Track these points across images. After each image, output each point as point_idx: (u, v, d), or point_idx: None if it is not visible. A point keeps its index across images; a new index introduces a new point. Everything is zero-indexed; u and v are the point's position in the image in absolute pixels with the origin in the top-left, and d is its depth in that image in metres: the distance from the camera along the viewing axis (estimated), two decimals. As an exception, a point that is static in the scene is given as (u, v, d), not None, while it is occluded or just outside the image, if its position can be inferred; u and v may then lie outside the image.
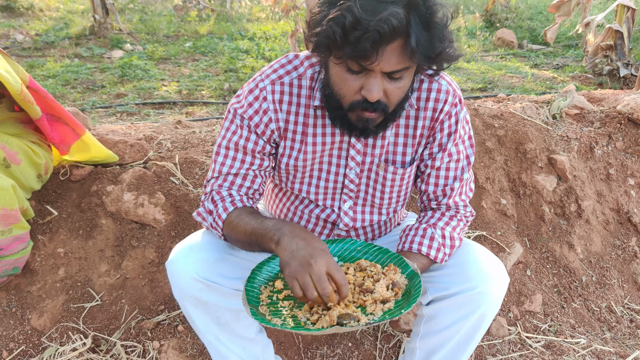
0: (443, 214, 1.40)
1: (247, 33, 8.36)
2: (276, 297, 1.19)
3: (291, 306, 1.16)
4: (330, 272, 1.06)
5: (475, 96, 5.50)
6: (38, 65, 6.08)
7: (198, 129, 2.73)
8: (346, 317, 1.07)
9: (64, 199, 2.00)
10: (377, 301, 1.14)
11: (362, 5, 1.00)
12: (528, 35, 8.84)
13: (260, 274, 1.23)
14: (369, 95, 1.09)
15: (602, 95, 3.08)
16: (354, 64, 1.06)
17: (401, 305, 1.13)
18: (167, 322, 1.83)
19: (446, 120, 1.31)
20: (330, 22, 1.02)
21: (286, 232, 1.12)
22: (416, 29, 1.01)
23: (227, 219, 1.26)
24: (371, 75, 1.08)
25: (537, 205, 2.40)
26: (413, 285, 1.17)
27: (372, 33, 0.98)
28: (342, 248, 1.34)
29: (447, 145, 1.33)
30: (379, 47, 1.01)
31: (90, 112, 4.76)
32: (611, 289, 2.25)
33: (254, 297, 1.16)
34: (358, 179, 1.40)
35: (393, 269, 1.22)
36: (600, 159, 2.56)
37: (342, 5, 1.02)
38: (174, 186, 2.09)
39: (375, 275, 1.21)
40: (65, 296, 1.85)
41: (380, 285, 1.16)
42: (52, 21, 8.22)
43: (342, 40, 1.02)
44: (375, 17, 0.98)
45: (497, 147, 2.46)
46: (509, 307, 2.04)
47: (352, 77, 1.10)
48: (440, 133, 1.33)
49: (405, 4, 1.00)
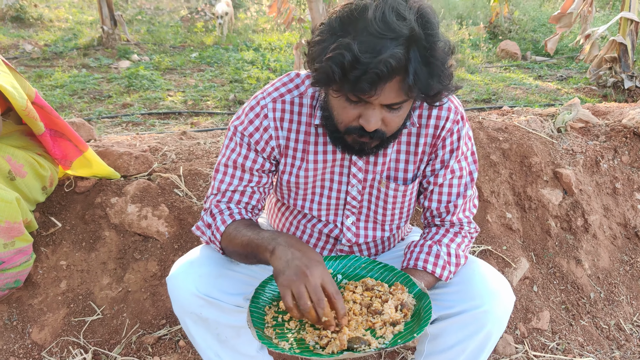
0: (447, 230, 1.39)
1: (253, 44, 8.42)
2: (282, 318, 1.15)
3: (298, 328, 1.13)
4: (324, 285, 1.04)
5: (479, 107, 5.50)
6: (46, 75, 6.14)
7: (203, 140, 2.73)
8: (356, 340, 1.04)
9: (68, 210, 2.00)
10: (387, 323, 1.11)
11: (361, 42, 0.98)
12: (531, 47, 8.86)
13: (264, 293, 1.21)
14: (366, 125, 1.09)
15: (607, 108, 3.06)
16: (353, 96, 1.06)
17: (412, 328, 1.10)
18: (168, 337, 1.81)
19: (448, 137, 1.31)
20: (329, 60, 1.01)
21: (281, 242, 1.11)
22: (415, 65, 0.99)
23: (225, 231, 1.25)
24: (369, 107, 1.07)
25: (543, 219, 2.37)
26: (423, 307, 1.14)
27: (370, 75, 0.97)
28: (346, 265, 1.32)
29: (449, 162, 1.33)
30: (377, 85, 1.00)
31: (96, 122, 4.79)
32: (620, 306, 2.21)
33: (259, 318, 1.13)
34: (360, 195, 1.39)
35: (400, 288, 1.20)
36: (606, 173, 2.54)
37: (342, 42, 0.99)
38: (178, 198, 2.09)
39: (383, 295, 1.19)
40: (66, 309, 1.84)
41: (389, 307, 1.14)
42: (60, 32, 8.32)
43: (340, 79, 1.02)
44: (374, 58, 0.96)
45: (501, 160, 2.45)
46: (515, 324, 2.01)
47: (350, 106, 1.09)
48: (443, 150, 1.32)
49: (405, 40, 0.98)
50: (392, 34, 0.97)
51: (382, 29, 0.97)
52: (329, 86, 1.08)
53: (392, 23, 0.97)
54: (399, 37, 0.98)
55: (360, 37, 0.98)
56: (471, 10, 10.87)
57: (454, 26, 9.86)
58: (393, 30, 0.97)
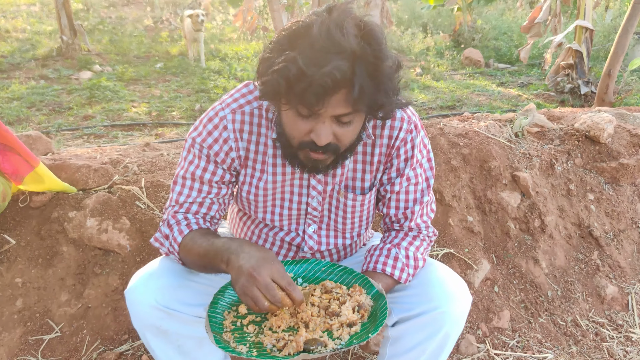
0: (406, 234, 1.42)
1: (219, 54, 8.38)
2: (240, 322, 1.17)
3: (256, 332, 1.14)
4: (275, 280, 1.07)
5: (444, 114, 5.63)
6: (3, 88, 5.94)
7: (166, 152, 2.70)
8: (313, 342, 1.06)
9: (22, 226, 1.93)
10: (344, 325, 1.13)
11: (306, 57, 1.00)
12: (494, 55, 9.14)
13: (223, 298, 1.22)
14: (317, 140, 1.10)
15: (561, 113, 3.19)
16: (303, 108, 1.07)
17: (368, 328, 1.12)
18: (130, 352, 1.78)
19: (402, 146, 1.33)
20: (275, 73, 1.03)
21: (233, 250, 1.13)
22: (361, 79, 1.01)
23: (182, 242, 1.25)
24: (319, 120, 1.09)
25: (503, 221, 2.45)
26: (379, 307, 1.17)
27: (315, 87, 0.99)
28: (307, 269, 1.34)
29: (404, 170, 1.35)
30: (323, 98, 1.02)
31: (55, 134, 4.65)
32: (576, 303, 2.30)
33: (217, 323, 1.14)
34: (320, 206, 1.41)
35: (358, 290, 1.22)
36: (561, 175, 2.64)
37: (288, 56, 1.02)
38: (140, 210, 2.05)
39: (341, 297, 1.21)
40: (23, 328, 1.78)
41: (346, 308, 1.16)
42: (18, 42, 8.07)
43: (286, 92, 1.03)
44: (319, 71, 0.98)
45: (462, 165, 2.51)
46: (477, 325, 2.06)
47: (301, 121, 1.11)
48: (397, 159, 1.35)
49: (350, 55, 1.00)
50: (337, 48, 1.00)
51: (327, 44, 1.00)
52: (276, 99, 1.09)
53: (337, 38, 1.00)
54: (344, 51, 1.00)
55: (306, 52, 1.01)
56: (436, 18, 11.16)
57: (419, 35, 10.08)
58: (338, 45, 1.00)
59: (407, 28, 10.63)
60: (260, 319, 1.18)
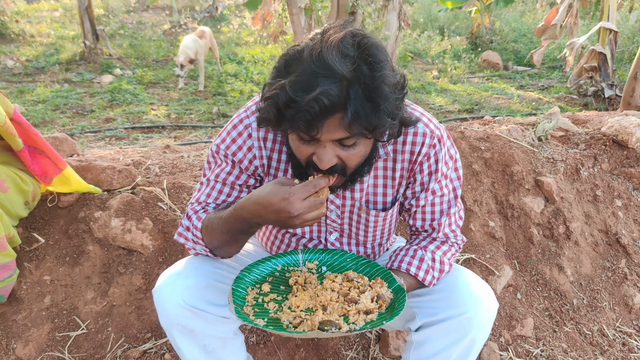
0: (434, 238, 1.40)
1: (236, 57, 8.45)
2: (262, 299, 1.21)
3: (275, 309, 1.19)
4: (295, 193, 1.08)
5: (462, 117, 5.58)
6: (28, 91, 6.08)
7: (186, 154, 2.73)
8: (328, 323, 1.09)
9: (51, 225, 1.97)
10: (360, 312, 1.16)
11: (296, 82, 0.97)
12: (513, 57, 9.04)
13: (249, 275, 1.27)
14: (319, 164, 1.09)
15: (586, 117, 3.14)
16: (303, 134, 1.05)
17: (383, 317, 1.14)
18: (153, 350, 1.79)
19: (425, 161, 1.30)
20: (266, 101, 1.03)
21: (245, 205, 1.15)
22: (356, 102, 0.97)
23: (202, 227, 1.26)
24: (320, 145, 1.07)
25: (526, 227, 2.41)
26: (397, 299, 1.18)
27: (303, 113, 0.96)
28: (332, 258, 1.38)
29: (429, 184, 1.33)
30: (316, 123, 0.98)
31: (79, 136, 4.74)
32: (602, 312, 2.25)
33: (240, 297, 1.19)
34: (340, 219, 1.41)
35: (380, 282, 1.24)
36: (587, 180, 2.60)
37: (279, 83, 1.00)
38: (162, 211, 2.08)
39: (361, 286, 1.23)
40: (50, 325, 1.81)
41: (365, 297, 1.19)
42: (42, 47, 8.26)
43: (277, 119, 1.02)
44: (306, 96, 0.95)
45: (484, 169, 2.49)
46: (500, 332, 2.03)
47: (303, 145, 1.10)
48: (420, 174, 1.32)
49: (343, 77, 0.96)
50: (328, 72, 0.96)
51: (319, 67, 0.97)
52: (271, 126, 1.08)
53: (329, 61, 0.96)
54: (334, 75, 0.96)
55: (297, 77, 0.98)
56: (453, 21, 11.08)
57: (436, 37, 10.03)
58: (329, 68, 0.96)
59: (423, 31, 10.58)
60: (281, 298, 1.23)
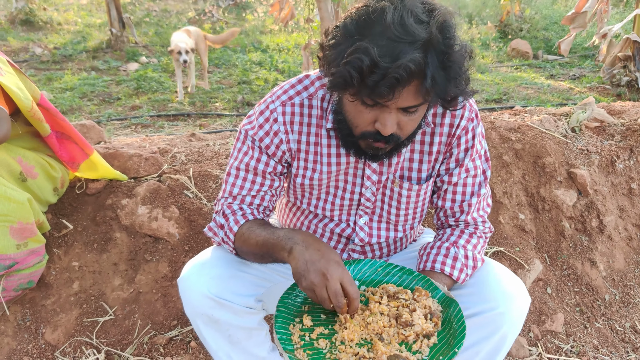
0: (462, 231, 1.37)
1: (261, 45, 8.43)
2: (309, 336, 1.11)
3: (329, 347, 1.08)
4: (344, 286, 1.07)
5: (490, 107, 5.45)
6: (56, 78, 6.19)
7: (212, 142, 2.73)
8: (395, 358, 1.02)
9: (79, 212, 2.00)
10: (420, 335, 1.09)
11: (379, 47, 0.95)
12: (543, 46, 8.76)
13: (285, 310, 1.16)
14: (382, 129, 1.07)
15: (622, 107, 3.02)
16: (369, 100, 1.04)
17: (447, 340, 1.07)
18: (179, 337, 1.81)
19: (463, 135, 1.29)
20: (347, 65, 0.99)
21: (298, 241, 1.12)
22: (433, 69, 0.97)
23: (238, 231, 1.25)
24: (386, 111, 1.06)
25: (557, 220, 2.34)
26: (454, 315, 1.12)
27: (389, 79, 0.95)
28: (362, 270, 1.28)
29: (464, 160, 1.31)
30: (396, 89, 0.98)
31: (105, 124, 4.81)
32: (635, 308, 2.17)
33: (287, 340, 1.08)
34: (374, 196, 1.38)
35: (424, 294, 1.17)
36: (622, 173, 2.50)
37: (360, 46, 0.97)
38: (188, 200, 2.08)
39: (410, 304, 1.15)
40: (79, 310, 1.84)
41: (418, 316, 1.11)
42: (70, 35, 8.39)
43: (359, 84, 1.00)
44: (394, 63, 0.94)
45: (514, 160, 2.42)
46: (529, 327, 1.99)
47: (366, 110, 1.07)
48: (457, 148, 1.30)
49: (423, 44, 0.96)
50: (410, 37, 0.96)
51: (401, 33, 0.95)
52: (346, 90, 1.05)
53: (410, 27, 0.95)
54: (417, 40, 0.96)
55: (378, 41, 0.96)
56: (481, 9, 10.80)
57: (464, 25, 9.80)
58: (411, 34, 0.95)
59: (451, 18, 10.35)
60: (328, 332, 1.12)
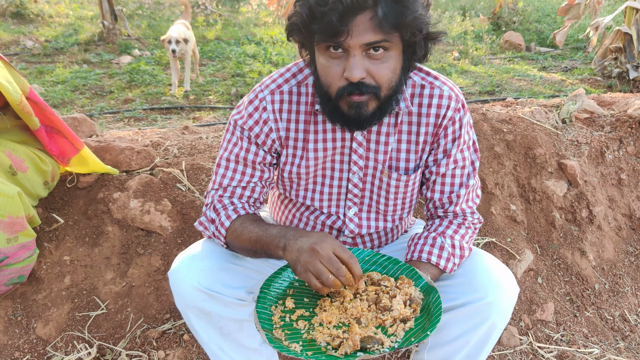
0: (451, 221, 1.38)
1: (254, 38, 8.38)
2: (289, 317, 1.13)
3: (307, 328, 1.10)
4: (337, 253, 1.07)
5: (483, 99, 5.46)
6: (47, 72, 6.13)
7: (205, 135, 2.72)
8: (369, 340, 1.03)
9: (70, 206, 1.99)
10: (397, 320, 1.10)
11: None
12: (536, 38, 8.77)
13: (269, 292, 1.19)
14: (350, 75, 1.08)
15: (612, 99, 3.03)
16: (326, 38, 1.06)
17: (423, 324, 1.08)
18: (172, 331, 1.82)
19: (450, 125, 1.30)
20: (298, 6, 1.08)
21: (290, 237, 1.13)
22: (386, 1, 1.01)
23: (230, 226, 1.25)
24: (349, 55, 1.07)
25: (548, 211, 2.36)
26: (432, 301, 1.13)
27: (334, 4, 1.00)
28: None
29: (451, 151, 1.32)
30: (346, 20, 1.01)
31: (98, 117, 4.78)
32: (625, 297, 2.20)
33: (266, 319, 1.12)
34: (362, 183, 1.38)
35: (407, 282, 1.18)
36: (612, 163, 2.52)
37: None
38: (180, 193, 2.08)
39: (390, 290, 1.17)
40: (70, 304, 1.84)
41: (398, 302, 1.12)
42: (61, 27, 8.30)
43: (309, 19, 1.05)
44: None
45: (506, 152, 2.43)
46: (520, 316, 2.01)
47: (334, 63, 1.10)
48: (445, 139, 1.31)
49: None
50: None
51: None
52: (303, 35, 1.11)
53: None
54: None
55: None
56: (474, 1, 10.78)
57: (457, 18, 9.78)
58: None
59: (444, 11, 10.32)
60: (309, 314, 1.14)
